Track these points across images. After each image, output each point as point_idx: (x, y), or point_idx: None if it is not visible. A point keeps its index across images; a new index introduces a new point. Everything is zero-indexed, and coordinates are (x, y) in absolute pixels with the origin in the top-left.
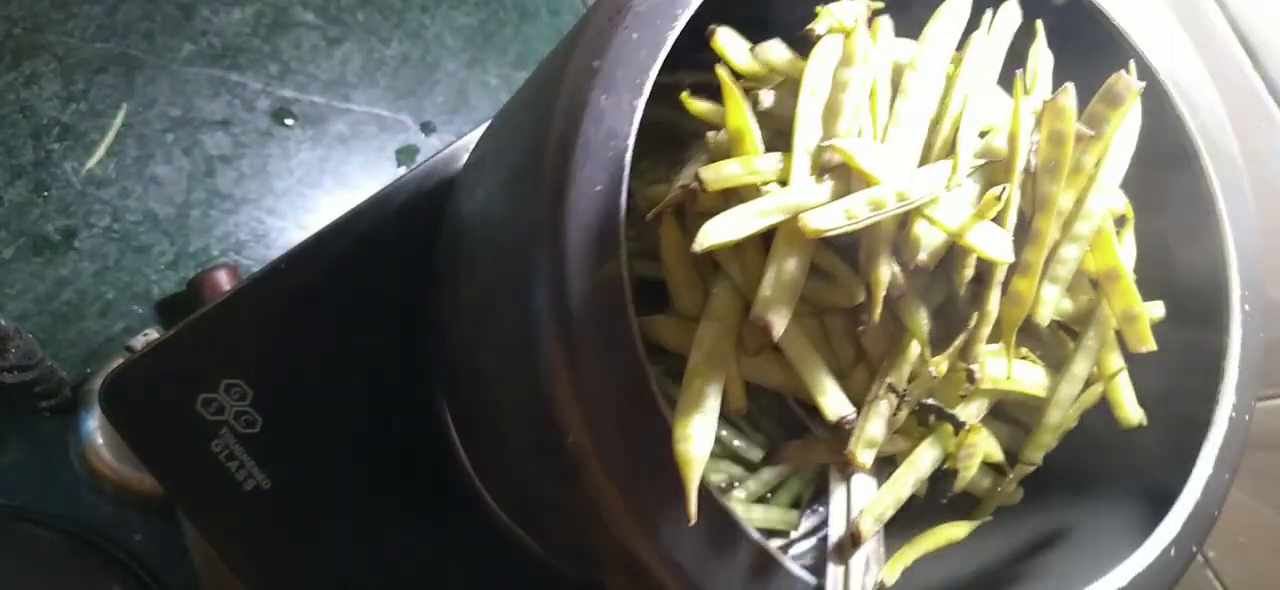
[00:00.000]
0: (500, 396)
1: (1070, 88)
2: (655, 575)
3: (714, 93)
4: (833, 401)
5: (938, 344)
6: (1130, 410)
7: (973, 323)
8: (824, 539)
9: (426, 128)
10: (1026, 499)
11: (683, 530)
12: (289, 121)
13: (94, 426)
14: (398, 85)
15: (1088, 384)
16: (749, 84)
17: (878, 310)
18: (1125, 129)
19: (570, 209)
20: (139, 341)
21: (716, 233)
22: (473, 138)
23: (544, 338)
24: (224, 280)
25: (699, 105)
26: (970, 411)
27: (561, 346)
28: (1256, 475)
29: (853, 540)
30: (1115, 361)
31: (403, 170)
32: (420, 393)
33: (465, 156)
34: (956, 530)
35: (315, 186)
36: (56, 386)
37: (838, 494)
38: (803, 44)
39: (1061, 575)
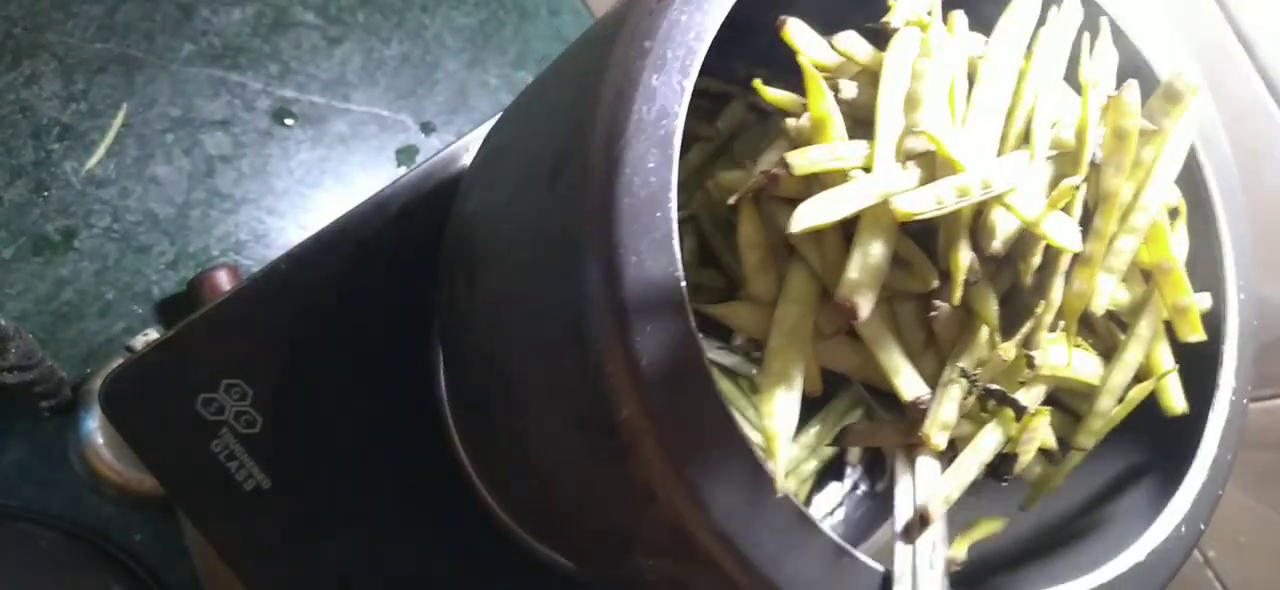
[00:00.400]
0: (526, 384)
1: (1134, 85)
2: (702, 546)
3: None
4: (909, 383)
5: (1002, 331)
6: (1176, 401)
7: (1040, 310)
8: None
9: (426, 128)
10: None
11: (733, 502)
12: (289, 121)
13: (94, 426)
14: (398, 85)
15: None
16: (827, 75)
17: (958, 294)
18: (1183, 125)
19: (623, 185)
20: (139, 341)
21: (809, 215)
22: (473, 138)
23: (597, 313)
24: (224, 280)
25: (775, 93)
26: (1029, 397)
27: (616, 322)
28: (1256, 475)
29: (921, 521)
30: (1166, 355)
31: (403, 170)
32: (420, 392)
33: (465, 157)
34: (995, 523)
35: (315, 186)
36: (56, 386)
37: (903, 477)
38: (876, 37)
39: (1081, 551)
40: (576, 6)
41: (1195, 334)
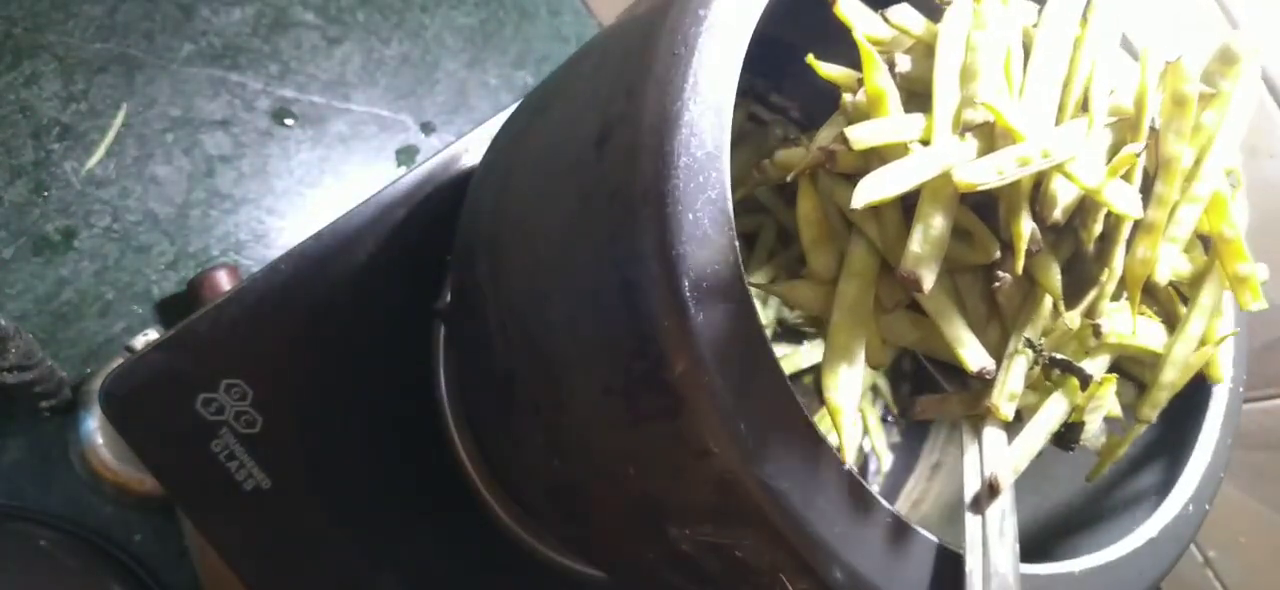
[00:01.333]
0: (564, 355)
1: (1192, 50)
2: (754, 503)
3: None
4: (974, 354)
5: (1065, 299)
6: (1223, 370)
7: (1104, 279)
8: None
9: (426, 128)
10: None
11: (786, 458)
12: (289, 121)
13: (94, 426)
14: (398, 85)
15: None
16: (881, 49)
17: (1020, 264)
18: (1243, 90)
19: (681, 144)
20: (139, 341)
21: (870, 191)
22: (473, 138)
23: (652, 270)
24: (224, 280)
25: (830, 69)
26: (1094, 366)
27: (671, 278)
28: (1257, 475)
29: (991, 491)
30: (1222, 324)
31: (403, 170)
32: (421, 392)
33: (466, 157)
34: None
35: (315, 186)
36: (56, 386)
37: (970, 449)
38: (929, 10)
39: (1097, 528)
40: (577, 6)
41: (1257, 302)
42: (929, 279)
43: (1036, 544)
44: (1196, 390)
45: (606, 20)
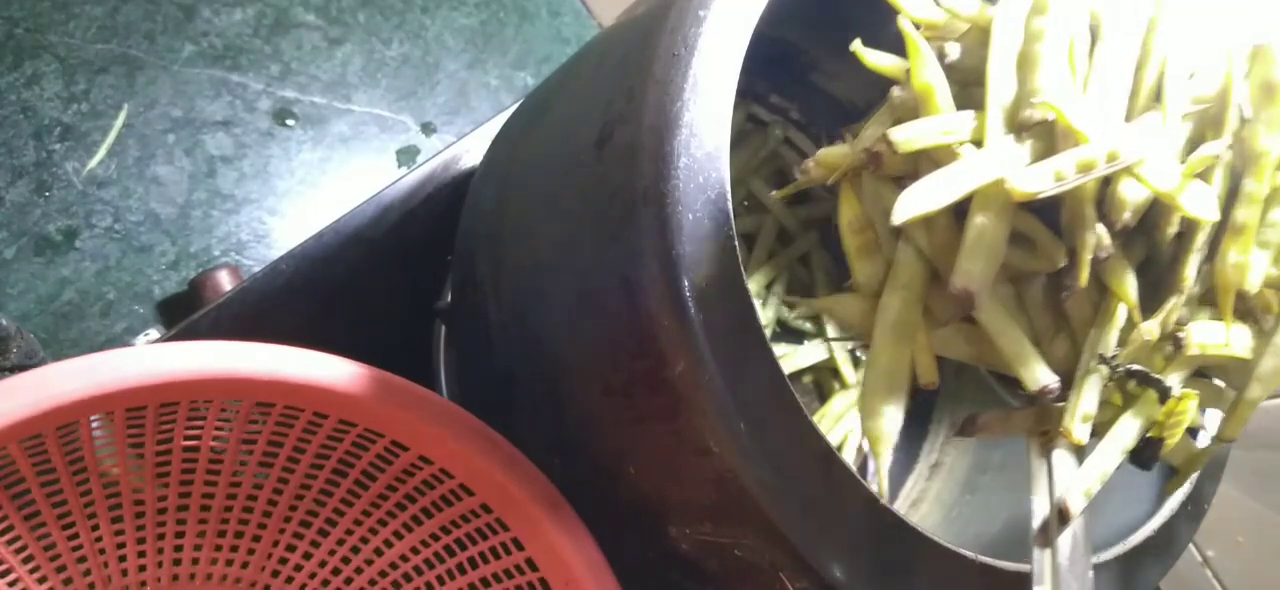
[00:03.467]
0: (565, 354)
1: None
2: (753, 500)
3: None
4: (1034, 372)
5: (1142, 304)
6: None
7: (1186, 289)
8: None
9: (427, 128)
10: None
11: (784, 454)
12: (290, 122)
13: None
14: (399, 86)
15: None
16: (930, 34)
17: (1085, 275)
18: None
19: (681, 144)
20: (140, 341)
21: (913, 204)
22: (474, 138)
23: (651, 268)
24: (225, 280)
25: (877, 61)
26: (1175, 378)
27: (671, 276)
28: (1256, 475)
29: (1061, 518)
30: None
31: (404, 171)
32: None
33: (466, 157)
34: None
35: (316, 187)
36: None
37: (1039, 470)
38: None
39: (1094, 527)
40: (577, 8)
41: None
42: (982, 295)
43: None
44: None
45: (606, 21)
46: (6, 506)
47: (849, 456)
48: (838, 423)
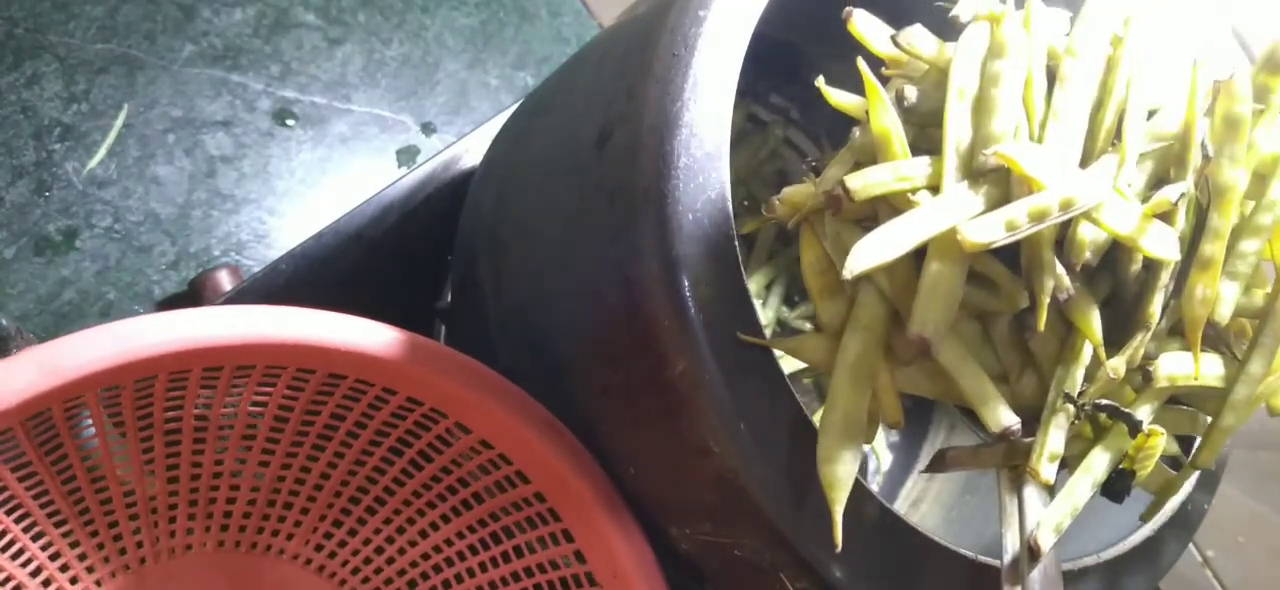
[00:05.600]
0: (565, 354)
1: (1245, 68)
2: (754, 499)
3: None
4: (996, 413)
5: (1109, 337)
6: None
7: (1152, 326)
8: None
9: (427, 128)
10: None
11: (784, 454)
12: (290, 122)
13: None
14: (399, 86)
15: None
16: (889, 73)
17: (1043, 318)
18: None
19: (681, 144)
20: None
21: (866, 257)
22: (474, 138)
23: (650, 269)
24: (225, 280)
25: (840, 98)
26: (1145, 410)
27: (670, 277)
28: (1256, 475)
29: (1031, 554)
30: None
31: (404, 171)
32: None
33: (466, 157)
34: None
35: (316, 187)
36: None
37: (1010, 505)
38: (947, 29)
39: (1094, 527)
40: (577, 8)
41: None
42: (939, 339)
43: None
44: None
45: (607, 21)
46: (41, 466)
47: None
48: None
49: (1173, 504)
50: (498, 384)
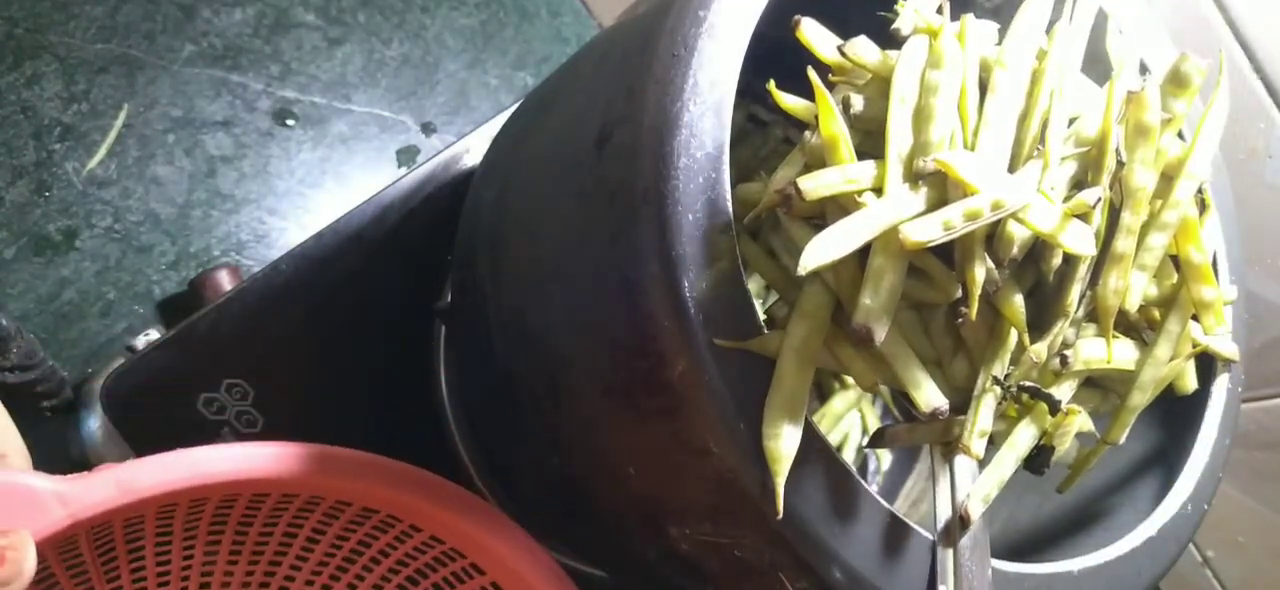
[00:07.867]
0: (565, 354)
1: (1153, 81)
2: (753, 500)
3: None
4: (927, 395)
5: (1032, 325)
6: (1191, 381)
7: (1070, 314)
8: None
9: (427, 128)
10: None
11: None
12: (290, 122)
13: (95, 426)
14: (398, 86)
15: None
16: (837, 79)
17: (975, 308)
18: (1214, 115)
19: (681, 144)
20: (140, 341)
21: (817, 255)
22: (474, 138)
23: (650, 269)
24: (225, 280)
25: (790, 102)
26: (1063, 390)
27: (670, 277)
28: (1256, 475)
29: (962, 522)
30: (1189, 340)
31: (404, 171)
32: (421, 392)
33: (466, 157)
34: None
35: (316, 187)
36: (58, 387)
37: (942, 478)
38: (890, 39)
39: (1096, 529)
40: (577, 8)
41: (1220, 326)
42: (881, 331)
43: (1036, 543)
44: (1194, 393)
45: (606, 21)
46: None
47: (849, 456)
48: (837, 422)
49: (1173, 504)
50: (443, 489)
